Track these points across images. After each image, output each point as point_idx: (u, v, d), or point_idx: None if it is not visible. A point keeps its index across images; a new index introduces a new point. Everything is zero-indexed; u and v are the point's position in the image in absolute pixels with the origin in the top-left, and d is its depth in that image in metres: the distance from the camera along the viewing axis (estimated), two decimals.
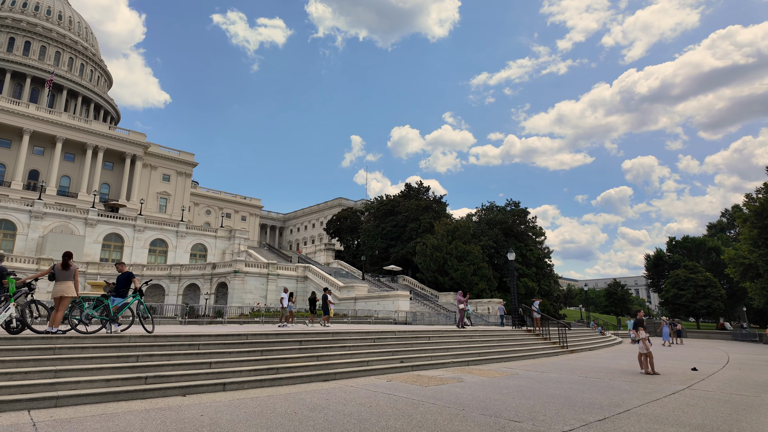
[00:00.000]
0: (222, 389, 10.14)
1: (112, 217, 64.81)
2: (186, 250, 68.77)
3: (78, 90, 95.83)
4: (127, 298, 13.05)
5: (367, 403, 9.27)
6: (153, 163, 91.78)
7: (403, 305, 46.30)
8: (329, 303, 26.08)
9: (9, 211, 56.32)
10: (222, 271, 54.01)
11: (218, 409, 8.34)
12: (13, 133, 75.75)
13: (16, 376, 8.74)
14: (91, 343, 10.65)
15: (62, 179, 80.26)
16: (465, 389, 11.27)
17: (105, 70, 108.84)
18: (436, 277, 62.98)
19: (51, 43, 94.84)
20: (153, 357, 10.84)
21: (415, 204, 74.32)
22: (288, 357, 12.82)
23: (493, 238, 66.87)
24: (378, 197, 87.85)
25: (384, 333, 17.90)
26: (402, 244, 72.77)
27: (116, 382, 9.32)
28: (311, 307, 27.46)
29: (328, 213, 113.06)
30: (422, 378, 12.94)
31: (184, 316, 37.86)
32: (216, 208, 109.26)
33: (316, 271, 55.83)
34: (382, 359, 14.66)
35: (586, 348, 26.55)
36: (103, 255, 61.58)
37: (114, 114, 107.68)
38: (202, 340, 12.60)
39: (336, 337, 15.62)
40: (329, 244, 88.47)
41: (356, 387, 11.18)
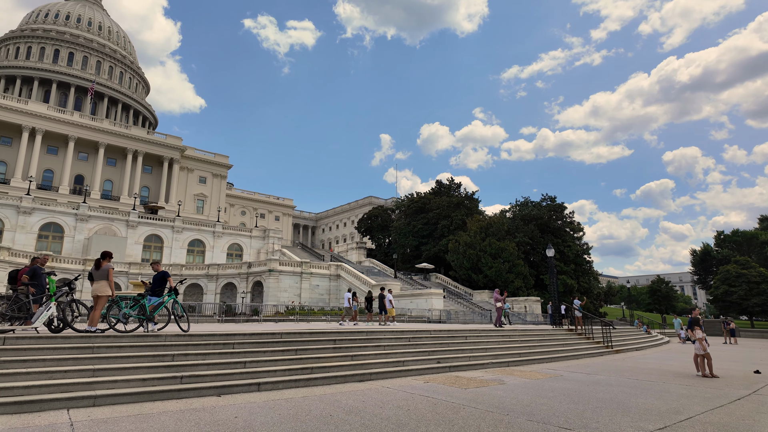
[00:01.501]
0: (257, 389, 9.96)
1: (151, 218, 67.00)
2: (222, 250, 70.33)
3: (118, 97, 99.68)
4: (163, 297, 13.13)
5: (405, 406, 8.86)
6: (189, 166, 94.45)
7: (437, 303, 45.64)
8: (387, 302, 25.86)
9: (57, 214, 59.07)
10: (257, 270, 54.83)
11: (252, 411, 8.12)
12: (59, 141, 79.52)
13: (56, 374, 8.81)
14: (128, 342, 10.70)
15: (105, 183, 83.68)
16: (507, 392, 10.69)
17: (143, 77, 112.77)
18: (469, 274, 61.91)
19: (92, 53, 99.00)
20: (188, 356, 10.79)
21: (447, 201, 73.33)
22: (322, 356, 12.57)
23: (528, 234, 65.12)
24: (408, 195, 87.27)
25: (419, 332, 17.44)
26: (434, 241, 71.97)
27: (152, 382, 9.27)
28: (368, 305, 27.35)
29: (359, 212, 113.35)
30: (461, 379, 12.42)
31: (221, 315, 38.55)
32: (250, 209, 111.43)
33: (348, 269, 55.88)
34: (417, 359, 14.22)
35: (632, 348, 25.25)
36: (144, 255, 63.70)
37: (152, 119, 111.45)
38: (237, 339, 12.51)
39: (370, 337, 15.29)
40: (360, 243, 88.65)
41: (392, 388, 10.79)
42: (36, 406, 7.75)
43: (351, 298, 26.23)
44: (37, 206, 57.61)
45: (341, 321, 25.28)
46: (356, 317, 26.55)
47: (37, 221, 57.23)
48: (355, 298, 26.70)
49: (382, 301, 25.69)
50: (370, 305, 27.28)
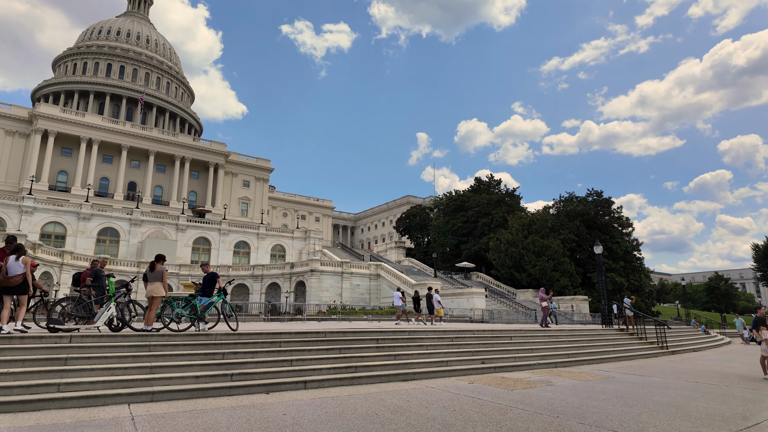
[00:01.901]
0: (303, 387, 10.15)
1: (199, 222, 69.83)
2: (266, 251, 72.30)
3: (165, 106, 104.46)
4: (213, 297, 13.63)
5: (450, 406, 8.77)
6: (234, 171, 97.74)
7: (479, 303, 44.97)
8: (435, 302, 25.90)
9: (113, 219, 62.64)
10: (299, 270, 55.97)
11: (300, 409, 8.28)
12: (113, 150, 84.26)
13: (117, 371, 9.32)
14: (182, 340, 11.17)
15: (156, 189, 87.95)
16: (556, 393, 10.37)
17: (188, 86, 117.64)
18: (512, 273, 60.62)
19: (141, 65, 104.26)
20: (237, 354, 11.14)
21: (486, 198, 72.11)
22: (366, 356, 12.65)
23: (573, 231, 62.99)
24: (446, 193, 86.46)
25: (462, 332, 17.23)
26: (474, 240, 70.96)
27: (204, 379, 9.64)
28: (416, 305, 27.46)
29: (397, 211, 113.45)
30: (507, 380, 12.17)
31: (267, 314, 39.63)
32: (291, 211, 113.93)
33: (388, 269, 56.04)
34: (461, 359, 14.06)
35: (688, 348, 23.92)
36: (194, 257, 66.45)
37: (197, 127, 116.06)
38: (283, 338, 12.80)
39: (413, 336, 15.25)
40: (399, 242, 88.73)
41: (437, 388, 10.71)
42: (100, 400, 8.23)
43: (401, 297, 26.33)
44: (95, 212, 61.29)
45: (397, 321, 25.46)
46: (406, 316, 26.62)
47: (96, 226, 60.87)
48: (403, 298, 26.80)
49: (429, 300, 25.67)
50: (418, 305, 27.32)
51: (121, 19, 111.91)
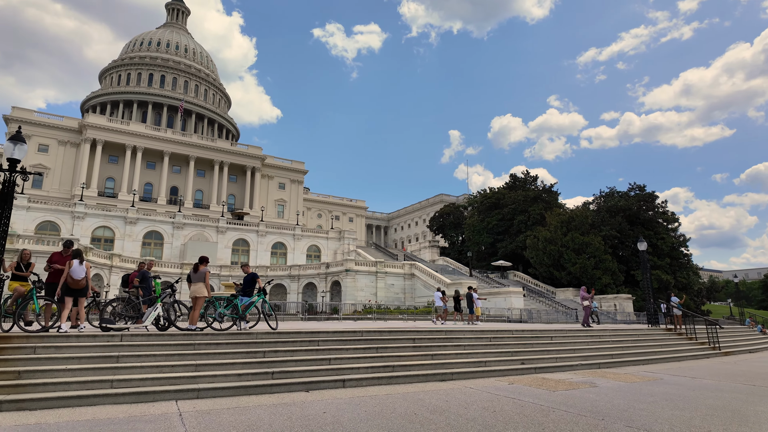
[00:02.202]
0: (342, 386, 10.26)
1: (238, 224, 71.87)
2: (302, 252, 73.58)
3: (204, 113, 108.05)
4: (253, 297, 13.99)
5: (490, 407, 8.64)
6: (269, 174, 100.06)
7: (516, 302, 44.13)
8: (475, 301, 25.79)
9: (157, 223, 65.34)
10: (334, 270, 56.61)
11: (339, 407, 8.37)
12: (156, 156, 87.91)
13: (165, 368, 9.72)
14: (224, 339, 11.53)
15: (196, 193, 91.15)
16: (600, 395, 10.04)
17: (224, 92, 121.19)
18: (550, 272, 59.14)
19: (180, 74, 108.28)
20: (278, 353, 11.39)
21: (522, 195, 70.64)
22: (402, 355, 12.65)
23: (615, 227, 60.79)
24: (480, 191, 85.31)
25: (500, 332, 16.96)
26: (510, 238, 69.67)
27: (247, 377, 9.90)
28: (456, 305, 27.43)
29: (430, 210, 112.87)
30: (548, 381, 11.88)
31: (304, 313, 40.35)
32: (326, 211, 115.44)
33: (422, 268, 55.83)
34: (500, 360, 13.83)
35: (743, 350, 22.61)
36: (233, 258, 68.43)
37: (234, 132, 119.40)
38: (321, 337, 12.99)
39: (449, 336, 15.13)
40: (433, 241, 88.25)
41: (476, 389, 10.58)
42: (150, 396, 8.60)
43: (441, 297, 26.27)
44: (140, 216, 64.12)
45: (435, 320, 25.47)
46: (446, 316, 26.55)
47: (141, 230, 63.67)
48: (444, 297, 26.74)
49: (470, 300, 25.50)
50: (458, 305, 27.20)
51: (161, 30, 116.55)
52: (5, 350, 9.42)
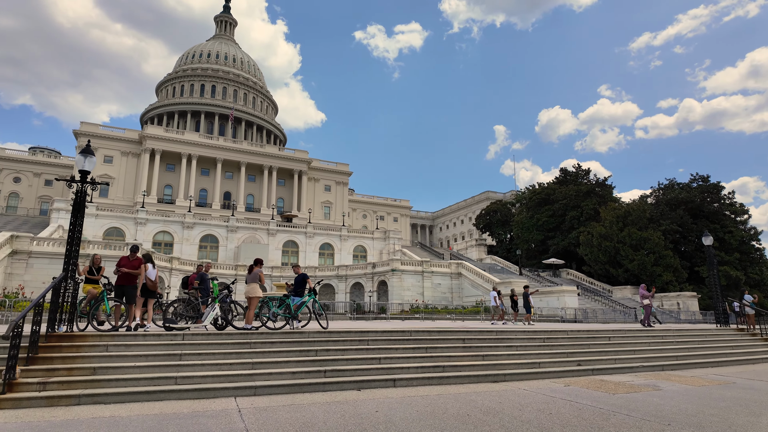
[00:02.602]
0: (392, 385, 10.31)
1: (287, 226, 74.00)
2: (349, 252, 74.64)
3: (252, 120, 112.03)
4: (304, 296, 14.34)
5: (546, 409, 8.40)
6: (316, 176, 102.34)
7: (570, 301, 42.58)
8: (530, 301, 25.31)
9: (212, 227, 68.43)
10: (381, 270, 56.97)
11: (391, 406, 8.42)
12: (209, 163, 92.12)
13: (223, 366, 10.16)
14: (278, 338, 11.90)
15: (248, 197, 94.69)
16: (665, 399, 9.50)
17: (271, 99, 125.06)
18: (606, 269, 56.63)
19: (229, 83, 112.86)
20: (329, 352, 11.62)
21: (574, 190, 68.05)
22: (452, 355, 12.54)
23: (676, 221, 57.32)
24: (529, 187, 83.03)
25: (554, 332, 16.42)
26: (562, 234, 67.32)
27: (300, 375, 10.17)
28: (513, 305, 27.02)
29: (476, 208, 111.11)
30: (607, 384, 11.38)
31: (352, 312, 40.91)
32: (370, 212, 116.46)
33: (469, 267, 55.07)
34: (554, 361, 13.41)
35: None
36: (284, 259, 70.48)
37: (282, 137, 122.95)
38: (370, 336, 13.11)
39: (500, 336, 14.84)
40: (480, 240, 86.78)
41: (530, 391, 10.31)
42: (210, 393, 9.02)
43: (497, 296, 25.79)
44: (196, 221, 67.39)
45: (493, 321, 25.10)
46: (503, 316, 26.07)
47: (198, 234, 66.90)
48: (500, 297, 26.23)
49: (527, 299, 24.91)
50: (515, 304, 26.67)
51: (211, 42, 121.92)
52: (82, 348, 10.19)
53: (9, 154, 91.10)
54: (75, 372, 9.17)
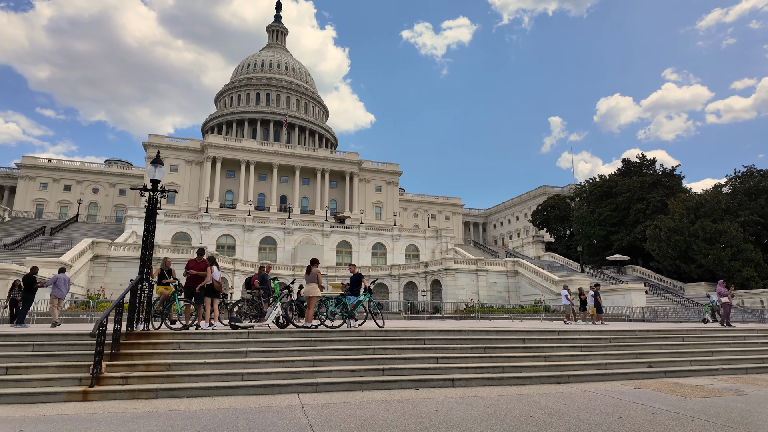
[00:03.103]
0: (451, 385, 10.23)
1: (340, 227, 75.46)
2: (401, 252, 74.86)
3: (305, 125, 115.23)
4: (360, 296, 14.56)
5: (615, 413, 7.99)
6: (366, 177, 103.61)
7: (637, 299, 40.24)
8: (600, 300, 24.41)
9: (270, 230, 71.10)
10: (433, 269, 56.63)
11: (451, 406, 8.35)
12: (266, 168, 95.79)
13: (286, 363, 10.53)
14: (337, 336, 12.16)
15: (302, 200, 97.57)
16: (751, 405, 8.74)
17: (322, 104, 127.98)
18: (676, 265, 53.03)
19: (282, 91, 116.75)
20: (386, 350, 11.72)
21: (639, 181, 64.24)
22: (512, 356, 12.24)
23: (757, 211, 52.63)
24: (589, 179, 79.40)
25: (621, 331, 15.59)
26: (626, 229, 63.78)
27: (359, 373, 10.34)
28: (582, 305, 26.20)
29: (532, 203, 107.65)
30: (682, 387, 10.65)
31: (406, 312, 40.96)
32: (421, 211, 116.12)
33: (526, 265, 53.46)
34: (622, 362, 12.73)
35: None
36: (338, 260, 71.90)
37: (333, 140, 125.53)
38: (427, 335, 13.08)
39: (563, 336, 14.29)
40: (537, 236, 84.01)
41: (596, 393, 9.85)
42: (275, 389, 9.38)
43: (568, 294, 24.96)
44: (256, 224, 70.29)
45: (566, 321, 24.38)
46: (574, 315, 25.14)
47: (257, 236, 69.73)
48: (570, 296, 25.35)
49: (597, 298, 23.93)
50: (584, 304, 25.69)
51: (264, 51, 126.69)
52: (157, 345, 10.94)
53: (88, 167, 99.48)
54: (152, 367, 9.85)
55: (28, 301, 17.28)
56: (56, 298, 17.16)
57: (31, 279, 17.32)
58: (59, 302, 17.38)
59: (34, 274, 17.74)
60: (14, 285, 19.71)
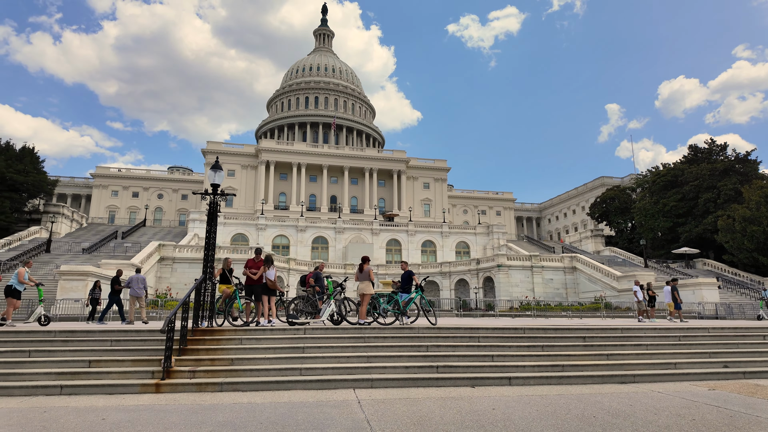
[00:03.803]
0: (507, 383, 10.03)
1: (389, 225, 75.90)
2: (451, 249, 74.13)
3: (353, 126, 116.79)
4: (411, 293, 14.58)
5: (687, 414, 7.50)
6: (414, 175, 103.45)
7: (709, 295, 37.55)
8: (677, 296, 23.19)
9: (322, 229, 72.77)
10: (485, 266, 55.63)
11: (508, 404, 8.19)
12: (316, 170, 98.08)
13: (341, 359, 10.75)
14: (390, 333, 12.25)
15: (351, 200, 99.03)
16: None
17: (369, 104, 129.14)
18: (754, 258, 48.96)
19: (330, 93, 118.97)
20: (440, 348, 11.66)
21: (708, 169, 59.83)
22: (572, 354, 11.80)
23: None
24: (651, 169, 74.96)
25: (691, 329, 14.61)
26: (694, 220, 59.62)
27: (413, 370, 10.36)
28: (650, 301, 25.03)
29: (589, 196, 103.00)
30: (764, 389, 9.82)
31: (458, 309, 40.53)
32: (471, 207, 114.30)
33: (585, 260, 51.31)
34: (694, 362, 11.93)
35: None
36: (387, 258, 72.37)
37: (380, 140, 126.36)
38: (481, 333, 12.88)
39: (627, 334, 13.59)
40: (596, 230, 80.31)
41: (665, 394, 9.30)
42: (331, 384, 9.60)
43: (639, 290, 23.77)
44: (308, 225, 72.19)
45: (639, 318, 23.34)
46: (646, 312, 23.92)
47: (310, 236, 71.58)
48: (643, 292, 24.12)
49: (674, 293, 22.53)
50: (652, 300, 24.39)
51: (311, 55, 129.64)
52: (221, 341, 11.52)
53: (153, 174, 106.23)
54: (217, 362, 10.39)
55: (112, 301, 18.95)
56: (133, 297, 18.54)
57: (115, 280, 18.99)
58: (138, 300, 18.71)
59: (119, 276, 19.42)
60: (95, 285, 21.50)
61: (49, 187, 65.93)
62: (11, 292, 15.46)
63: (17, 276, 15.61)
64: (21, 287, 15.69)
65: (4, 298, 15.85)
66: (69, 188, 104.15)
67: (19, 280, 15.57)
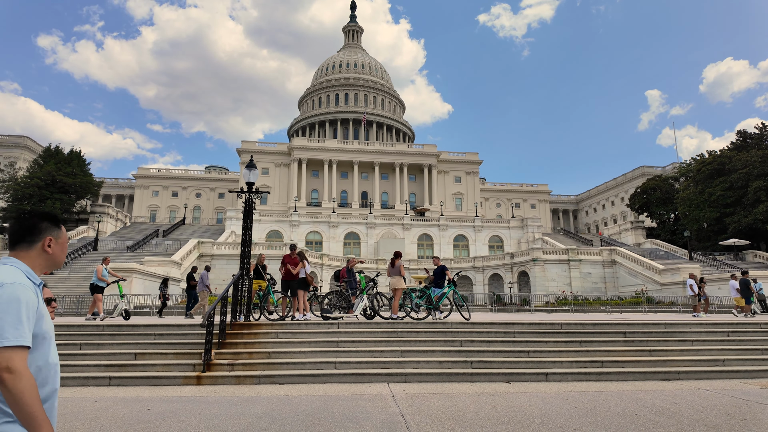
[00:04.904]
0: (544, 379, 9.83)
1: (420, 220, 75.65)
2: (484, 243, 73.18)
3: (382, 121, 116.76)
4: (444, 288, 14.50)
5: (738, 414, 7.15)
6: (445, 169, 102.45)
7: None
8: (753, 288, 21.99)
9: (353, 225, 73.32)
10: (520, 260, 54.64)
11: (545, 401, 8.03)
12: (347, 166, 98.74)
13: (375, 353, 10.82)
14: (423, 328, 12.24)
15: (382, 195, 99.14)
16: None
17: (399, 99, 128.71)
18: None
19: (360, 89, 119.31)
20: (473, 343, 11.56)
21: (759, 155, 56.52)
22: (612, 350, 11.45)
23: None
24: (696, 157, 71.54)
25: (741, 325, 13.90)
26: (743, 210, 56.50)
27: (447, 365, 10.31)
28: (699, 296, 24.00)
29: (629, 186, 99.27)
30: None
31: (492, 304, 40.04)
32: (504, 200, 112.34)
33: (625, 253, 49.61)
34: (744, 359, 11.34)
35: None
36: (419, 252, 72.22)
37: (410, 134, 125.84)
38: (516, 328, 12.69)
39: (670, 329, 13.07)
40: (636, 222, 77.41)
41: (713, 392, 8.89)
42: (366, 378, 9.68)
43: (694, 284, 22.76)
44: (340, 221, 72.89)
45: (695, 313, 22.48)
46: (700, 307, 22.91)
47: (342, 232, 72.29)
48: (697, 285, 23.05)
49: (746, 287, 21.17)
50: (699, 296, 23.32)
51: (341, 52, 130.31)
52: (258, 335, 11.82)
53: (191, 174, 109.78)
54: (254, 356, 10.67)
55: (190, 296, 20.49)
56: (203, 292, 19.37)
57: (189, 277, 20.80)
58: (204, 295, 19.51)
59: (193, 272, 20.67)
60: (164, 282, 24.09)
61: (95, 189, 69.32)
62: (94, 289, 16.44)
63: (96, 273, 16.55)
64: (102, 283, 16.57)
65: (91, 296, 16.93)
66: (113, 189, 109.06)
67: (97, 276, 16.50)
